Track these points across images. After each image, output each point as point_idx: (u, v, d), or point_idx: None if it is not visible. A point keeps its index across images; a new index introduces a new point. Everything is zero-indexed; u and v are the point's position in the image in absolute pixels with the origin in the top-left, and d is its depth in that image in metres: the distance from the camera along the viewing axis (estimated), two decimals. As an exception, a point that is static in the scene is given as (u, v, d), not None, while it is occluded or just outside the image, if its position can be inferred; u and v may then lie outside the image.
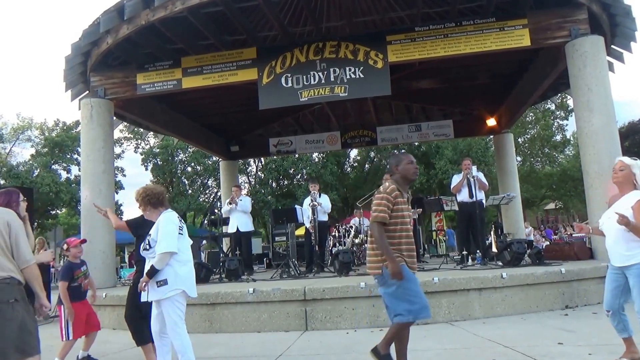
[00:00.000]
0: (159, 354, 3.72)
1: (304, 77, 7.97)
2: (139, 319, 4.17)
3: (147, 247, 3.63)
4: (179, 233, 3.67)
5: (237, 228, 8.77)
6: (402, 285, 3.23)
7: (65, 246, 4.79)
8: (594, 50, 7.26)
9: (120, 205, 31.71)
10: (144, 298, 3.64)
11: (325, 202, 8.68)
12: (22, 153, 65.27)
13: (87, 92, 8.74)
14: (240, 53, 8.25)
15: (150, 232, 3.67)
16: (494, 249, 7.50)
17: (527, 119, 29.60)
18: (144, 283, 3.58)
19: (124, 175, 32.26)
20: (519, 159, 28.41)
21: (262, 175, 30.06)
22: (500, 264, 7.02)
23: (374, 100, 11.79)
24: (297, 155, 25.37)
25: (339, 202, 28.05)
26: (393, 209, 3.29)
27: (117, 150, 30.02)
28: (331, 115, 12.70)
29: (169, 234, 3.56)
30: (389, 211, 3.27)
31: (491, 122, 12.25)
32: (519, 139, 29.61)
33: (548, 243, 15.01)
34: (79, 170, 23.03)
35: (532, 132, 31.03)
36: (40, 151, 29.60)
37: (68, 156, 29.80)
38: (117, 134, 27.99)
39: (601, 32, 7.63)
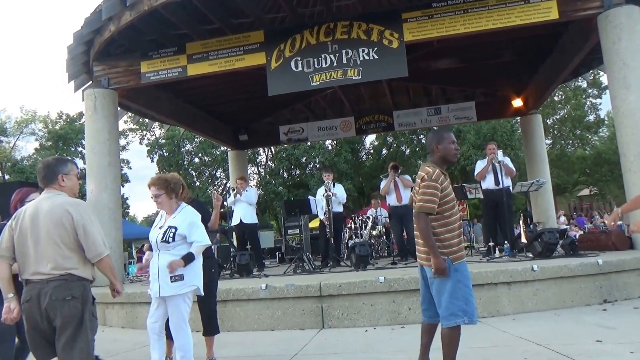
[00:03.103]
0: (158, 351, 3.73)
1: (315, 60, 7.90)
2: (214, 308, 4.35)
3: (170, 239, 3.62)
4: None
5: (240, 219, 8.78)
6: (462, 281, 3.12)
7: None
8: (629, 21, 7.04)
9: (127, 199, 32.15)
10: (154, 293, 3.66)
11: (339, 192, 8.65)
12: (26, 147, 66.38)
13: (91, 82, 8.81)
14: (247, 37, 8.20)
15: (172, 224, 3.66)
16: (523, 240, 7.43)
17: (557, 98, 29.11)
18: (177, 267, 3.57)
19: (130, 168, 32.69)
20: (548, 141, 28.03)
21: (273, 165, 30.13)
22: (531, 255, 6.95)
23: (390, 83, 11.67)
24: (309, 143, 25.36)
25: (355, 192, 28.01)
26: (442, 196, 3.13)
27: (122, 142, 30.38)
28: (344, 99, 12.61)
29: (199, 225, 3.70)
30: (437, 200, 3.11)
31: (517, 102, 12.05)
32: (548, 120, 29.18)
33: (581, 232, 14.79)
34: (84, 164, 23.27)
35: (563, 113, 30.55)
36: (45, 145, 30.10)
37: (72, 149, 30.26)
38: (121, 125, 28.23)
39: (637, 1, 7.39)
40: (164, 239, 3.63)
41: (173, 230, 3.62)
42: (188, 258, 3.60)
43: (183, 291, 3.61)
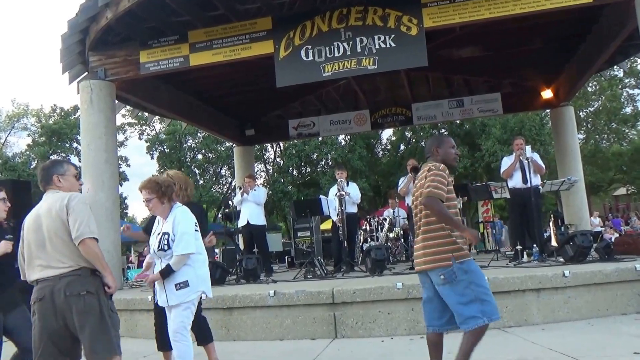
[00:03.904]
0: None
1: (327, 48, 7.90)
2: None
3: (165, 247, 3.68)
4: (195, 230, 3.79)
5: (247, 221, 8.82)
6: (473, 281, 3.19)
7: None
8: (671, 4, 6.95)
9: (125, 198, 32.45)
10: (162, 303, 3.73)
11: (354, 191, 8.64)
12: (19, 143, 67.20)
13: (86, 73, 8.89)
14: (254, 24, 8.22)
15: (165, 230, 3.72)
16: (554, 243, 7.37)
17: (590, 89, 28.80)
18: (153, 282, 3.74)
19: (128, 166, 33.04)
20: (580, 136, 27.75)
21: (282, 162, 30.21)
22: (562, 260, 6.89)
23: (408, 73, 11.63)
24: (320, 139, 25.36)
25: (370, 191, 28.02)
26: (447, 190, 3.27)
27: (120, 137, 30.67)
28: (359, 91, 12.60)
29: (187, 232, 3.69)
30: (445, 189, 3.25)
31: (547, 94, 11.97)
32: (581, 113, 28.88)
33: (617, 235, 14.64)
34: (79, 161, 23.56)
35: (597, 105, 30.20)
36: (38, 140, 30.47)
37: (67, 145, 30.62)
38: (119, 119, 28.52)
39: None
40: (160, 247, 3.71)
41: (166, 237, 3.69)
42: (166, 272, 3.64)
43: (190, 298, 3.69)
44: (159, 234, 3.77)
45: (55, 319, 2.84)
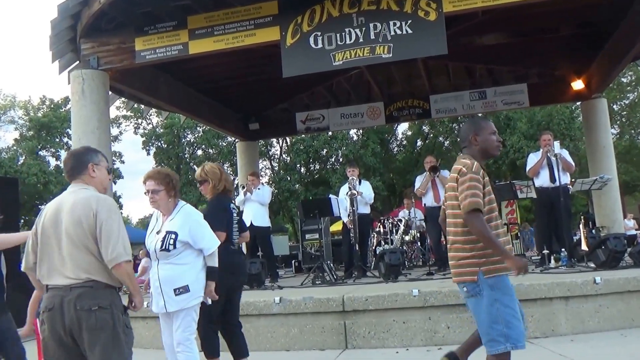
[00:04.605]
0: None
1: (338, 35, 7.89)
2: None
3: (170, 247, 3.67)
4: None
5: (251, 222, 8.85)
6: (500, 300, 3.05)
7: None
8: None
9: (119, 197, 32.64)
10: (158, 309, 3.76)
11: (366, 190, 8.65)
12: (5, 137, 67.78)
13: (78, 62, 8.94)
14: (259, 9, 8.23)
15: (172, 229, 3.71)
16: (584, 247, 7.36)
17: (625, 79, 28.60)
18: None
19: (123, 162, 33.22)
20: (614, 131, 27.56)
21: (288, 158, 30.27)
22: (593, 265, 6.88)
23: (426, 62, 11.60)
24: (330, 133, 25.39)
25: (384, 191, 27.99)
26: (485, 192, 3.09)
27: (114, 131, 30.87)
28: (372, 82, 12.58)
29: (207, 226, 3.80)
30: (481, 194, 3.06)
31: (578, 84, 11.90)
32: (615, 106, 28.68)
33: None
34: (71, 157, 23.58)
35: (632, 97, 29.96)
36: (25, 134, 30.75)
37: (57, 140, 30.86)
38: (113, 112, 28.73)
39: None
40: (163, 247, 3.67)
41: (173, 236, 3.67)
42: (212, 274, 3.76)
43: (191, 304, 3.68)
44: (158, 232, 3.77)
45: (64, 332, 2.74)
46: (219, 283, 3.93)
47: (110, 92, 9.23)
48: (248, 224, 8.87)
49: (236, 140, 14.80)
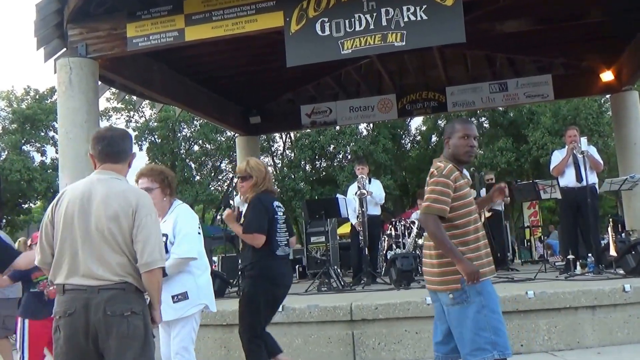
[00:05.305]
0: None
1: (347, 21, 7.90)
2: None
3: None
4: (198, 232, 3.83)
5: None
6: (486, 305, 3.12)
7: (29, 242, 4.94)
8: None
9: (110, 196, 32.68)
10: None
11: (376, 189, 8.66)
12: (-14, 131, 68.21)
13: (65, 49, 8.95)
14: (261, -8, 8.26)
15: (164, 231, 3.68)
16: (612, 252, 7.35)
17: (660, 70, 28.45)
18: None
19: (114, 158, 33.19)
20: (647, 127, 27.38)
21: (292, 154, 30.30)
22: (622, 272, 6.87)
23: (442, 51, 11.59)
24: (338, 128, 25.39)
25: (396, 190, 27.98)
26: (456, 197, 3.20)
27: (104, 125, 30.94)
28: (383, 72, 12.59)
29: (191, 233, 3.72)
30: (449, 200, 3.17)
31: (607, 76, 11.88)
32: (648, 99, 28.53)
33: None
34: (56, 152, 23.81)
35: (667, 89, 29.82)
36: (8, 128, 30.85)
37: (42, 133, 30.94)
38: (103, 104, 28.83)
39: None
40: None
41: (165, 239, 3.66)
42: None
43: (189, 312, 3.69)
44: None
45: (86, 340, 2.61)
46: (259, 294, 3.93)
47: (99, 82, 9.25)
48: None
49: (236, 134, 14.82)
